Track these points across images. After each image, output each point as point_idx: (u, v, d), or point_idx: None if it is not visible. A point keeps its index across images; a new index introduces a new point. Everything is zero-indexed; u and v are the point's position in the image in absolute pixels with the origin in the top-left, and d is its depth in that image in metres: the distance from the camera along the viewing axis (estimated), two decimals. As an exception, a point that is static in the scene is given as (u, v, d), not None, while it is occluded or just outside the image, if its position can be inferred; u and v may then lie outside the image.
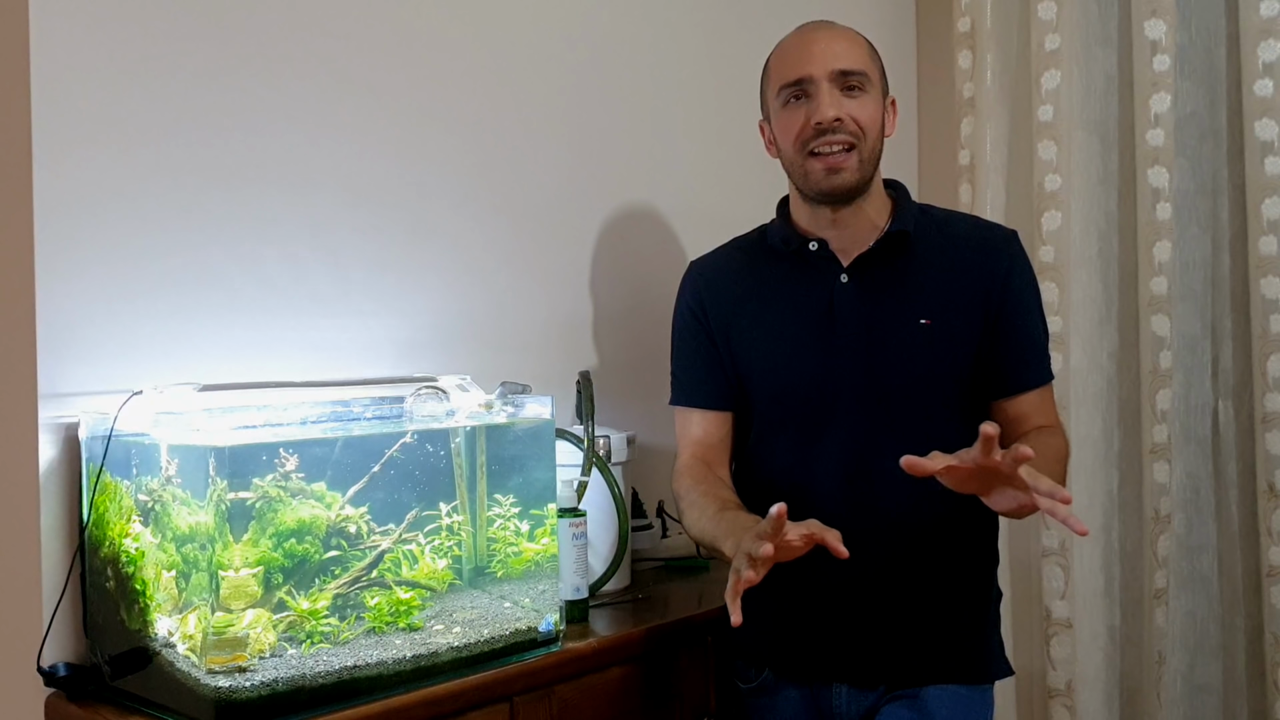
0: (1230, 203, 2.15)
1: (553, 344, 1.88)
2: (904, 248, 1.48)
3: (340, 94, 1.61)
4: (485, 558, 1.45)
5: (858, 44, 1.47)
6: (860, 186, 1.45)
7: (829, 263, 1.49)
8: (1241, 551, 2.14)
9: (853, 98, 1.43)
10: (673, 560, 1.94)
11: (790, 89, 1.45)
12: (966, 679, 1.47)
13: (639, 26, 2.05)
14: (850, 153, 1.42)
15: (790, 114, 1.45)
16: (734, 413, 1.56)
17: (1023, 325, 1.49)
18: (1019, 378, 1.49)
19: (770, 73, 1.51)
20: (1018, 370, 1.49)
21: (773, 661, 1.51)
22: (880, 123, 1.47)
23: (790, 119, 1.45)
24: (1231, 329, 2.15)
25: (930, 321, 1.45)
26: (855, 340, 1.46)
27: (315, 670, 1.23)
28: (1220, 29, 2.15)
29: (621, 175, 2.00)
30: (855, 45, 1.47)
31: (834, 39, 1.46)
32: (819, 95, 1.42)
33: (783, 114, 1.47)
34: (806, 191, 1.48)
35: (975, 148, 2.40)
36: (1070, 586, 2.27)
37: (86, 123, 1.37)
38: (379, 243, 1.66)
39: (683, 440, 1.58)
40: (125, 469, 1.29)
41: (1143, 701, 2.25)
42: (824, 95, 1.42)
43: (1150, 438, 2.20)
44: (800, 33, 1.50)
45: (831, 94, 1.42)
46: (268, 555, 1.21)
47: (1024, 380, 1.50)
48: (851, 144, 1.42)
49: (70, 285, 1.35)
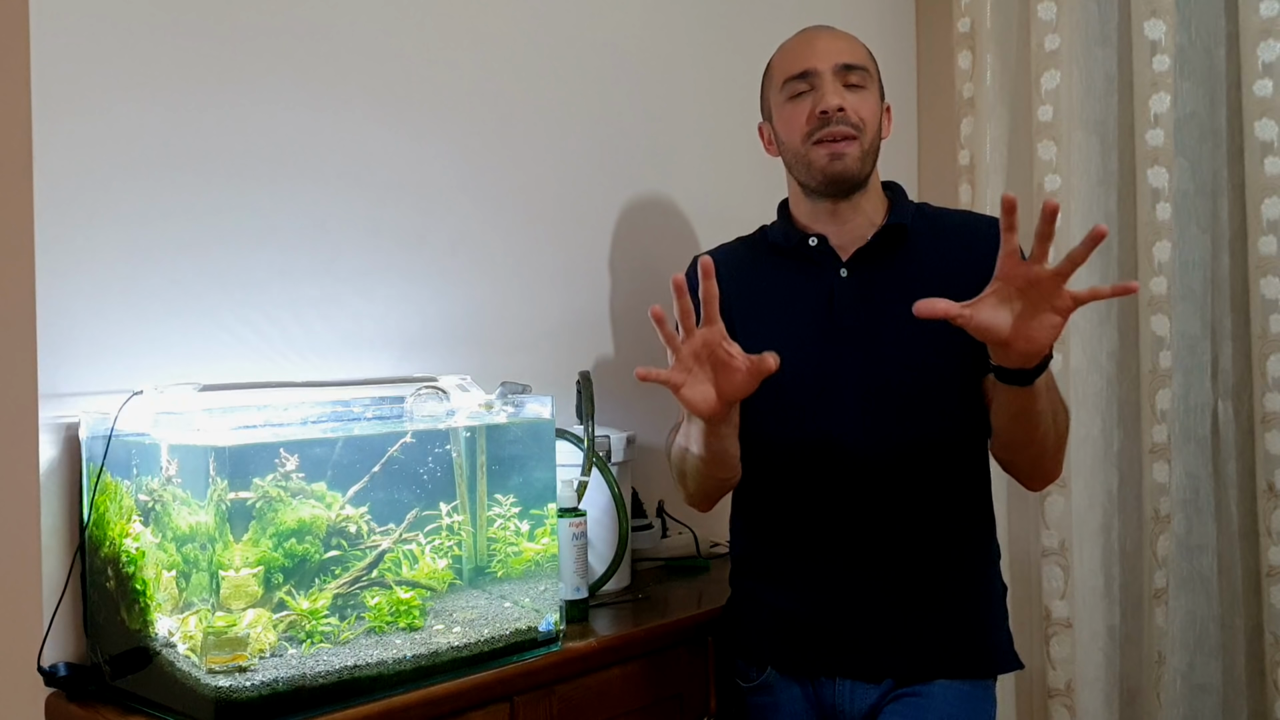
0: (1230, 203, 2.15)
1: (553, 344, 1.88)
2: (901, 241, 1.50)
3: (341, 93, 1.61)
4: (485, 558, 1.45)
5: (859, 45, 1.54)
6: (860, 179, 1.49)
7: (828, 257, 1.51)
8: (1241, 551, 2.13)
9: (854, 92, 1.49)
10: (673, 560, 1.95)
11: (795, 81, 1.50)
12: (969, 672, 1.48)
13: (643, 26, 2.05)
14: (851, 142, 1.47)
15: (794, 107, 1.50)
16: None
17: None
18: None
19: (773, 71, 1.55)
20: None
21: (775, 658, 1.51)
22: (879, 120, 1.52)
23: (794, 111, 1.50)
24: (1231, 329, 2.15)
25: None
26: (856, 332, 1.47)
27: (315, 670, 1.23)
28: (1220, 29, 2.15)
29: (623, 175, 2.01)
30: (857, 45, 1.53)
31: (836, 37, 1.53)
32: (823, 85, 1.47)
33: (786, 107, 1.51)
34: (808, 182, 1.51)
35: (975, 148, 2.40)
36: (1070, 586, 2.27)
37: (87, 122, 1.37)
38: (379, 242, 1.66)
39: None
40: (125, 469, 1.29)
41: (1143, 701, 2.25)
42: (828, 85, 1.47)
43: (1150, 437, 2.21)
44: (802, 33, 1.56)
45: (835, 85, 1.48)
46: (268, 555, 1.21)
47: None
48: (852, 135, 1.47)
49: (70, 285, 1.35)
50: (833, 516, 1.47)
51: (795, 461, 1.49)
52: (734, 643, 1.57)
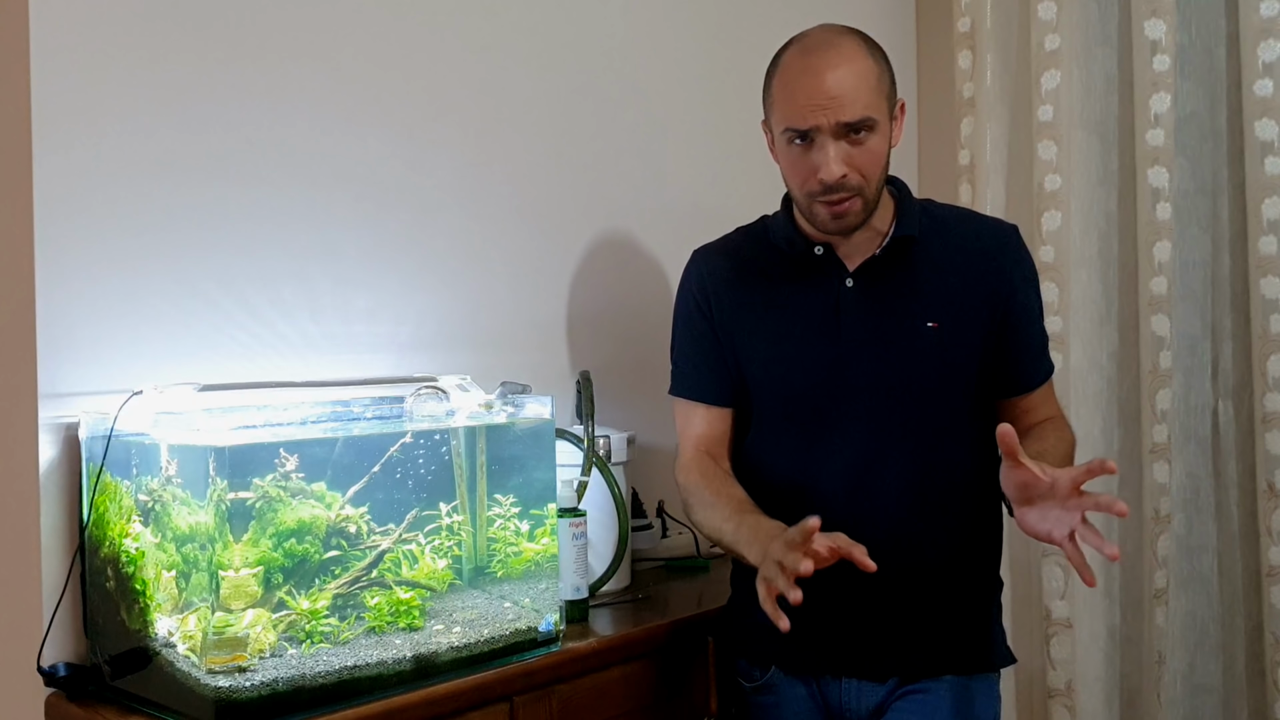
0: (1230, 203, 2.15)
1: (553, 344, 1.88)
2: (909, 252, 1.48)
3: (341, 93, 1.61)
4: (485, 558, 1.45)
5: (865, 80, 1.39)
6: (865, 221, 1.45)
7: (834, 267, 1.48)
8: (1241, 551, 2.13)
9: (858, 145, 1.39)
10: (673, 560, 1.95)
11: (795, 133, 1.41)
12: (973, 668, 1.48)
13: (640, 26, 2.05)
14: (855, 199, 1.41)
15: (797, 155, 1.42)
16: (735, 408, 1.56)
17: (1028, 323, 1.51)
18: (1027, 376, 1.52)
19: (774, 98, 1.44)
20: (1025, 368, 1.52)
21: (779, 658, 1.51)
22: (886, 155, 1.43)
23: (796, 161, 1.42)
24: (1231, 329, 2.15)
25: (937, 324, 1.45)
26: (861, 344, 1.46)
27: (315, 670, 1.23)
28: (1220, 29, 2.15)
29: (623, 174, 2.00)
30: (862, 83, 1.38)
31: (841, 79, 1.37)
32: (825, 150, 1.38)
33: (789, 150, 1.43)
34: (812, 223, 1.47)
35: (975, 148, 2.40)
36: (1070, 586, 2.27)
37: (87, 122, 1.37)
38: (379, 242, 1.66)
39: (685, 434, 1.57)
40: (125, 469, 1.29)
41: (1143, 701, 2.25)
42: (830, 152, 1.38)
43: (1150, 438, 2.20)
44: (806, 63, 1.40)
45: (837, 150, 1.38)
46: (268, 555, 1.21)
47: (1032, 378, 1.52)
48: (855, 195, 1.41)
49: (70, 285, 1.35)
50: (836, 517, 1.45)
51: (799, 469, 1.48)
52: (736, 643, 1.57)
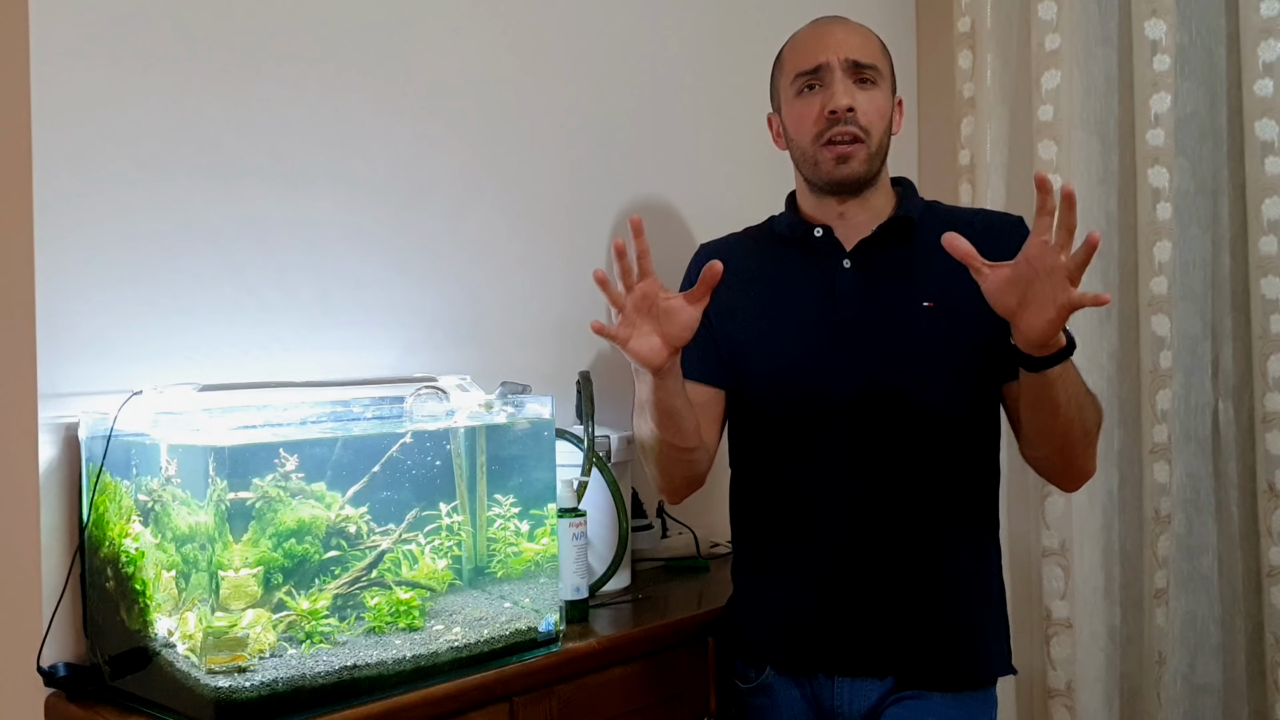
0: (1230, 203, 2.15)
1: (553, 344, 1.88)
2: (907, 234, 1.50)
3: (340, 93, 1.61)
4: (485, 558, 1.45)
5: (871, 39, 1.52)
6: (867, 179, 1.49)
7: (832, 248, 1.51)
8: (1241, 551, 2.13)
9: (865, 90, 1.47)
10: (673, 560, 1.95)
11: (805, 77, 1.48)
12: (969, 674, 1.47)
13: (643, 22, 2.05)
14: (859, 145, 1.46)
15: (804, 103, 1.49)
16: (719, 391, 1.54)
17: None
18: None
19: (783, 62, 1.54)
20: None
21: (774, 657, 1.51)
22: (889, 118, 1.51)
23: (804, 108, 1.49)
24: (1231, 329, 2.15)
25: (933, 304, 1.45)
26: (857, 322, 1.47)
27: (315, 670, 1.23)
28: (1220, 29, 2.15)
29: (623, 173, 2.00)
30: (869, 40, 1.51)
31: (850, 31, 1.50)
32: (833, 83, 1.46)
33: (796, 103, 1.50)
34: (815, 181, 1.51)
35: (975, 148, 2.40)
36: (1070, 586, 2.27)
37: (86, 123, 1.37)
38: (379, 242, 1.66)
39: None
40: (125, 469, 1.29)
41: (1143, 701, 2.24)
42: (838, 83, 1.46)
43: (1150, 438, 2.20)
44: (815, 24, 1.54)
45: (845, 82, 1.46)
46: (267, 555, 1.21)
47: None
48: (860, 138, 1.46)
49: (70, 285, 1.35)
50: (832, 510, 1.46)
51: (794, 453, 1.48)
52: (733, 643, 1.57)
